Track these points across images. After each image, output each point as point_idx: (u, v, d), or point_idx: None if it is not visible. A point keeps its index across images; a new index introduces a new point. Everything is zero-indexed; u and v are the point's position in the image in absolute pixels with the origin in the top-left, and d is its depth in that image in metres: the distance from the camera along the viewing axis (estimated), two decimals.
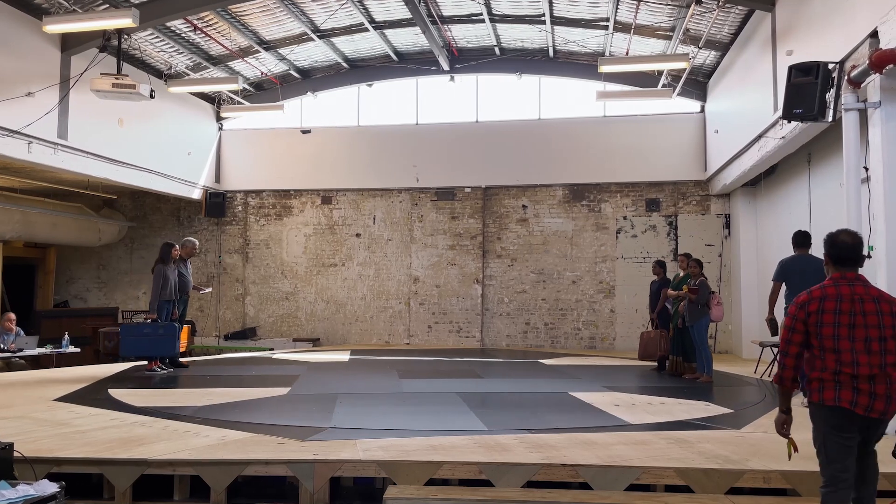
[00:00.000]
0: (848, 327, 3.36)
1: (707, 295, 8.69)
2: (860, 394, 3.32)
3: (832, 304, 3.39)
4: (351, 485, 4.86)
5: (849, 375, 3.33)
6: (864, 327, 3.35)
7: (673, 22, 11.18)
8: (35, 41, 10.07)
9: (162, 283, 9.45)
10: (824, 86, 6.05)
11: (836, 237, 3.57)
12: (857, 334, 3.35)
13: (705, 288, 8.70)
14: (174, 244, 9.92)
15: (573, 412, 6.67)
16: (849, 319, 3.37)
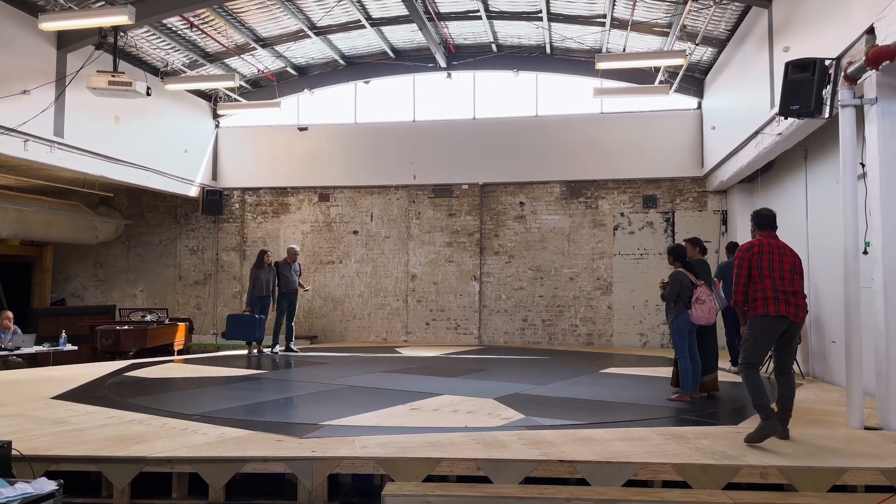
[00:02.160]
0: (778, 263, 5.15)
1: (678, 289, 7.07)
2: (790, 305, 5.08)
3: (767, 249, 5.19)
4: (349, 482, 4.87)
5: (782, 292, 5.07)
6: (781, 264, 5.15)
7: (670, 18, 11.18)
8: (31, 39, 10.04)
9: (253, 282, 11.59)
10: (821, 82, 6.05)
11: (760, 211, 5.60)
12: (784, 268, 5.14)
13: (676, 282, 7.11)
14: (267, 251, 11.88)
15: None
16: (778, 259, 5.16)
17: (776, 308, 4.99)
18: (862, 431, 5.58)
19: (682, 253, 7.38)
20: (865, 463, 4.54)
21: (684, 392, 7.00)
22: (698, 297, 7.01)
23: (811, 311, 9.12)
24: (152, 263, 15.69)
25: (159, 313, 13.85)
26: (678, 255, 7.34)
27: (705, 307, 6.97)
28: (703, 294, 7.00)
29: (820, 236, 8.83)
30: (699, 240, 7.75)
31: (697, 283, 7.07)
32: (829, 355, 8.61)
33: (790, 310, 5.02)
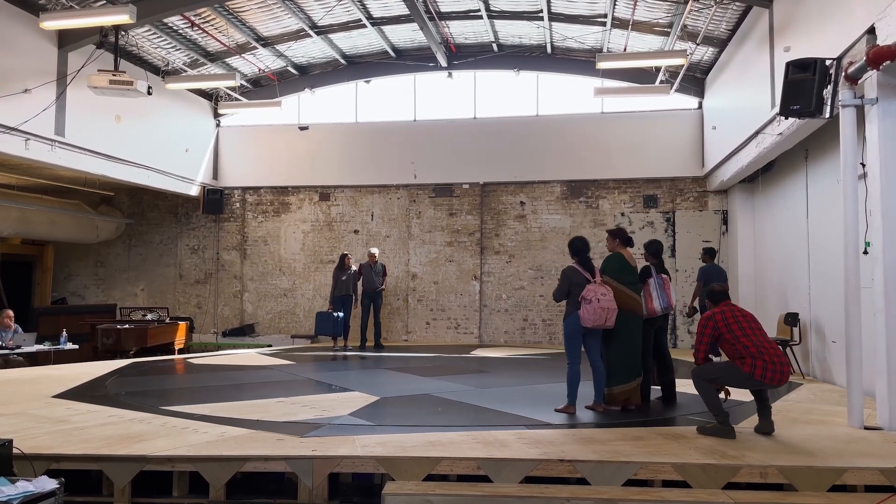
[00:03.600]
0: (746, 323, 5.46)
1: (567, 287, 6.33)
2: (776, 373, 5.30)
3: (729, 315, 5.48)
4: (349, 481, 4.87)
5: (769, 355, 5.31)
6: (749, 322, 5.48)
7: (670, 18, 11.18)
8: (32, 37, 10.05)
9: (335, 283, 12.47)
10: (821, 82, 6.05)
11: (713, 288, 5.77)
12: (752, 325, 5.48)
13: (565, 278, 6.37)
14: (348, 254, 12.83)
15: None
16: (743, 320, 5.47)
17: (762, 374, 5.23)
18: (862, 431, 5.58)
19: (578, 246, 6.50)
20: (865, 463, 4.55)
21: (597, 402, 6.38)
22: (584, 295, 6.15)
23: (811, 311, 9.15)
24: (153, 262, 15.70)
25: (160, 312, 13.85)
26: (573, 248, 6.52)
27: (591, 308, 6.09)
28: (590, 293, 6.13)
29: (820, 236, 8.84)
30: (620, 231, 6.79)
31: (591, 280, 6.24)
32: (830, 355, 8.61)
33: (776, 377, 5.24)
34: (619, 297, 6.30)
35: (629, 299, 6.41)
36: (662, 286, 6.80)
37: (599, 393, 6.41)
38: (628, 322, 6.37)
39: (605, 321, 6.15)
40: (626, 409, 6.41)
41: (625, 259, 6.58)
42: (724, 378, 5.47)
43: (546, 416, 6.13)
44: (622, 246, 6.66)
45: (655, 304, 6.67)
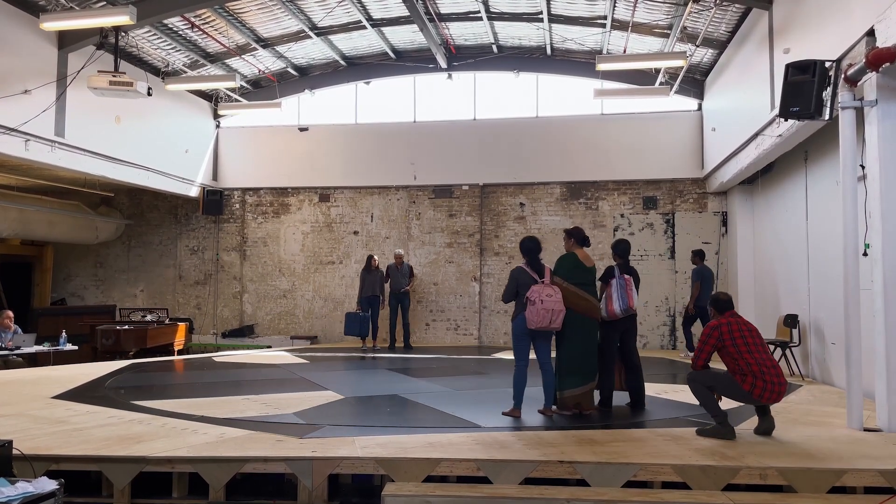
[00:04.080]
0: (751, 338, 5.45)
1: (515, 287, 6.21)
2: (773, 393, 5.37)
3: (735, 327, 5.46)
4: (349, 482, 4.88)
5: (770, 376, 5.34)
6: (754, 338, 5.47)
7: (670, 20, 11.19)
8: (32, 38, 10.05)
9: (362, 284, 12.60)
10: (821, 84, 6.05)
11: (718, 296, 5.68)
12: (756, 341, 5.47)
13: (512, 279, 6.26)
14: (373, 255, 12.94)
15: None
16: (748, 333, 5.46)
17: (761, 394, 5.30)
18: (861, 433, 5.59)
19: (528, 246, 6.35)
20: (865, 464, 4.55)
21: (547, 406, 6.25)
22: (528, 296, 5.99)
23: (810, 312, 9.16)
24: (152, 263, 15.70)
25: (159, 313, 13.86)
26: (523, 248, 6.38)
27: (534, 309, 5.93)
28: (535, 293, 5.97)
29: (820, 238, 8.84)
30: (576, 231, 6.59)
31: (538, 281, 6.09)
32: (829, 357, 8.61)
33: (772, 397, 5.33)
34: (570, 299, 6.14)
35: (580, 300, 6.22)
36: (625, 287, 6.50)
37: (548, 397, 6.27)
38: (580, 324, 6.20)
39: (550, 323, 5.99)
40: (579, 415, 6.17)
41: (578, 259, 6.39)
42: (719, 388, 5.49)
43: (497, 421, 5.97)
44: (577, 246, 6.49)
45: (615, 305, 6.42)
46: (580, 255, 6.43)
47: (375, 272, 12.62)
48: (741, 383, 5.32)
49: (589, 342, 6.32)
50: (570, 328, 6.18)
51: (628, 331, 6.74)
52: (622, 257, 6.79)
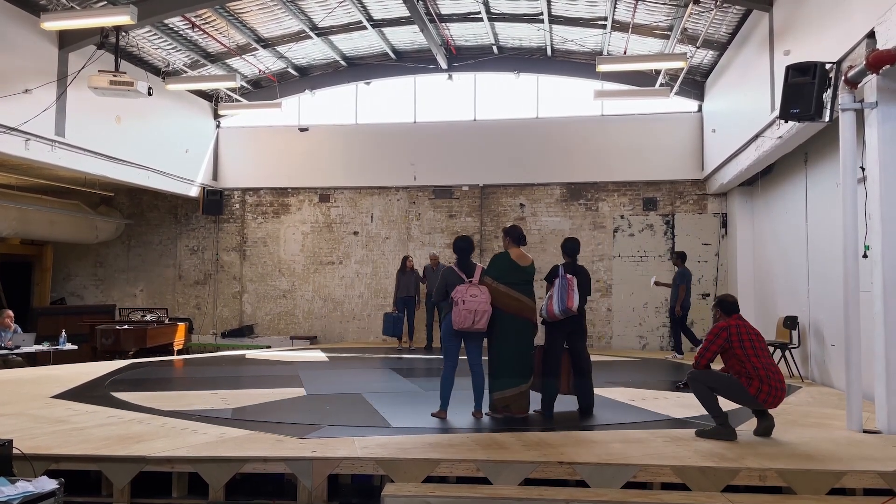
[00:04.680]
0: (759, 342, 5.51)
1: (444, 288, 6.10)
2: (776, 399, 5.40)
3: (744, 331, 5.52)
4: (349, 482, 4.88)
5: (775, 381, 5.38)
6: (760, 343, 5.52)
7: (671, 21, 11.20)
8: (32, 38, 10.05)
9: (397, 285, 12.67)
10: (821, 86, 6.06)
11: (725, 298, 5.79)
12: (762, 346, 5.53)
13: (442, 279, 6.20)
14: (409, 256, 13.01)
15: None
16: (756, 338, 5.52)
17: (765, 398, 5.31)
18: (861, 434, 5.59)
19: (459, 246, 6.25)
20: (864, 466, 4.55)
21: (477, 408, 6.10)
22: (452, 296, 5.91)
23: (810, 314, 9.16)
24: (152, 263, 15.70)
25: (159, 313, 13.86)
26: (454, 247, 6.28)
27: (457, 310, 5.84)
28: (458, 294, 5.88)
29: (820, 239, 8.84)
30: (511, 229, 6.40)
31: (466, 281, 5.98)
32: (829, 358, 8.62)
33: (775, 402, 5.36)
34: (500, 299, 5.99)
35: (511, 300, 6.03)
36: (566, 288, 6.17)
37: (477, 399, 6.13)
38: (511, 325, 6.03)
39: (473, 324, 5.84)
40: (511, 418, 5.99)
41: (511, 259, 6.20)
42: (721, 389, 5.48)
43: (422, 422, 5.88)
44: (513, 244, 6.29)
45: (555, 306, 6.15)
46: (514, 254, 6.24)
47: (411, 273, 12.61)
48: (747, 387, 5.31)
49: (521, 343, 6.09)
50: (500, 329, 6.02)
51: (575, 332, 6.41)
52: (570, 256, 6.58)
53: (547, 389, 6.28)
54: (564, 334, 6.37)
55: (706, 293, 13.26)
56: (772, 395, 5.31)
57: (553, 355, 6.32)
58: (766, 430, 5.42)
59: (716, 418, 5.40)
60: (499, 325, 6.02)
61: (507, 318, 6.03)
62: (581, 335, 6.49)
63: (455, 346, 6.12)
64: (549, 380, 6.28)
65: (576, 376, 6.40)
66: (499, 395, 6.06)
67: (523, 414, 6.09)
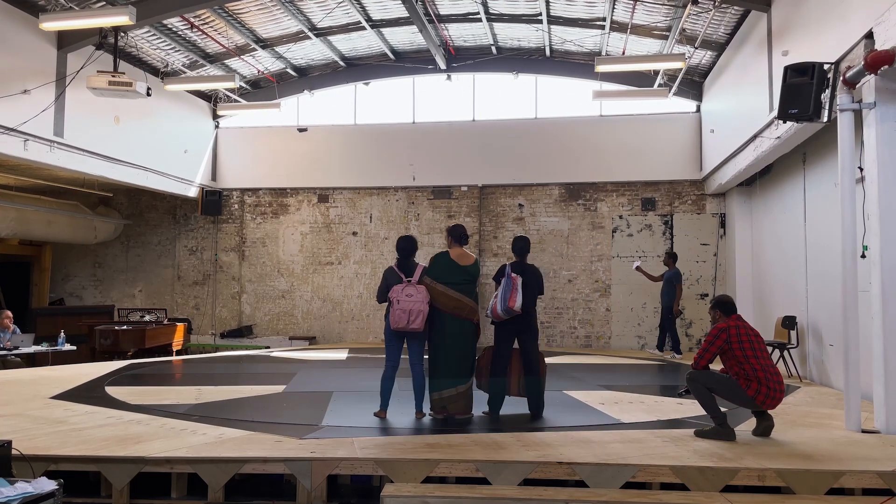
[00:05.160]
0: (757, 343, 5.50)
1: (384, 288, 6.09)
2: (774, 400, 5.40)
3: (744, 332, 5.51)
4: (348, 483, 4.87)
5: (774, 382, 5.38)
6: (759, 343, 5.51)
7: (669, 22, 11.21)
8: (31, 38, 10.05)
9: None
10: (819, 86, 6.07)
11: (722, 298, 5.84)
12: (762, 346, 5.53)
13: (383, 279, 6.17)
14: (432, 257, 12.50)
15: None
16: (755, 339, 5.52)
17: (763, 400, 5.32)
18: (859, 434, 5.60)
19: (400, 245, 6.26)
20: (863, 466, 4.56)
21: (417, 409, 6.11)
22: (389, 296, 5.95)
23: (808, 314, 9.17)
24: (151, 263, 15.69)
25: (158, 313, 13.85)
26: (397, 247, 6.30)
27: (393, 309, 5.87)
28: (393, 293, 5.92)
29: (818, 240, 8.86)
30: (453, 228, 6.37)
31: (405, 280, 5.98)
32: (827, 358, 8.63)
33: (773, 404, 5.36)
34: (438, 299, 5.96)
35: (449, 300, 5.98)
36: (510, 287, 6.07)
37: (418, 399, 6.12)
38: (450, 325, 5.99)
39: (409, 323, 5.85)
40: (451, 420, 5.94)
41: (450, 258, 6.15)
42: (719, 390, 5.48)
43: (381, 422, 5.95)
44: (455, 244, 6.26)
45: (498, 306, 6.09)
46: (454, 253, 6.20)
47: None
48: (745, 388, 5.32)
49: (459, 343, 6.03)
50: (438, 328, 6.01)
51: (524, 332, 6.29)
52: (518, 255, 6.47)
53: (494, 390, 6.23)
54: (512, 334, 6.28)
55: (705, 293, 13.28)
56: (770, 397, 5.31)
57: (500, 356, 6.27)
58: (766, 430, 5.43)
59: (714, 418, 5.40)
60: (437, 325, 6.00)
61: (445, 318, 6.00)
62: (531, 335, 6.35)
63: (395, 346, 6.14)
64: (496, 380, 6.22)
65: (526, 377, 6.28)
66: (437, 395, 6.02)
67: (462, 415, 6.04)
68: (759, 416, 5.52)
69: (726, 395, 5.46)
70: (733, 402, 5.52)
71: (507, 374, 6.28)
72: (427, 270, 6.12)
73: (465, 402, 6.06)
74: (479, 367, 6.29)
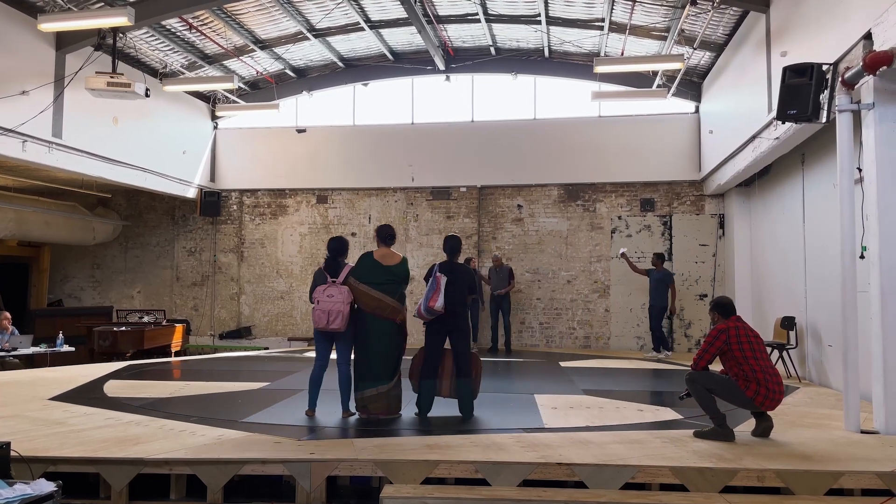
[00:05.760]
0: (757, 344, 5.53)
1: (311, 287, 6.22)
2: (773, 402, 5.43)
3: (743, 332, 5.52)
4: (347, 484, 4.87)
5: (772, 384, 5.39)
6: (758, 344, 5.54)
7: (668, 23, 11.21)
8: (30, 39, 10.04)
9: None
10: (818, 87, 6.07)
11: (720, 300, 5.87)
12: (761, 348, 5.54)
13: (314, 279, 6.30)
14: (472, 258, 12.95)
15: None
16: (754, 339, 5.54)
17: (762, 401, 5.34)
18: (858, 435, 5.60)
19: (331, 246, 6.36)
20: (862, 467, 4.56)
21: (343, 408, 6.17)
22: (313, 296, 6.07)
23: (807, 315, 9.18)
24: (150, 264, 15.68)
25: (156, 314, 13.84)
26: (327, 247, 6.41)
27: (314, 309, 6.02)
28: (316, 294, 6.03)
29: (817, 240, 8.86)
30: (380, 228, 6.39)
31: (329, 280, 6.08)
32: (826, 359, 8.63)
33: (772, 405, 5.39)
34: (360, 299, 6.04)
35: (370, 300, 6.02)
36: (434, 288, 6.04)
37: (343, 398, 6.18)
38: (371, 325, 6.03)
39: (328, 324, 5.93)
40: (376, 419, 5.99)
41: (373, 258, 6.19)
42: (718, 390, 5.49)
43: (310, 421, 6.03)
44: (381, 244, 6.30)
45: (422, 306, 6.08)
46: (378, 253, 6.24)
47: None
48: (744, 389, 5.33)
49: (381, 344, 6.06)
50: (361, 329, 6.07)
51: (453, 333, 6.23)
52: (448, 254, 6.42)
53: (423, 391, 6.23)
54: (440, 335, 6.26)
55: (704, 294, 13.29)
56: (768, 398, 5.32)
57: (429, 356, 6.27)
58: (765, 430, 5.43)
59: (714, 419, 5.40)
60: (360, 325, 6.07)
61: (367, 318, 6.05)
62: (460, 336, 6.28)
63: (322, 346, 6.25)
64: (424, 381, 6.24)
65: (457, 379, 6.24)
66: (359, 394, 6.09)
67: (386, 415, 6.07)
68: (759, 416, 5.52)
69: (725, 396, 5.46)
70: (732, 403, 5.52)
71: (439, 375, 6.28)
72: (352, 270, 6.17)
73: (388, 402, 6.10)
74: (413, 368, 6.32)
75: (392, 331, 6.10)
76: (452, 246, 6.44)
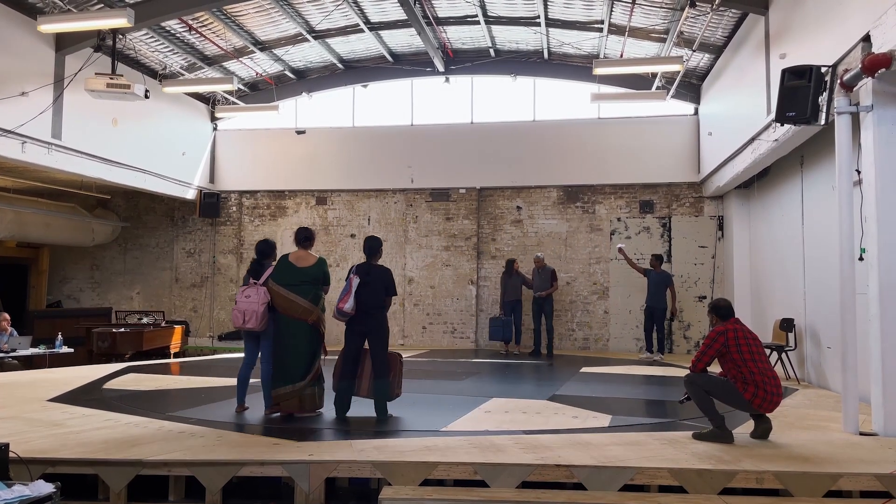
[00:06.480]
0: (756, 346, 5.51)
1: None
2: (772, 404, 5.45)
3: (741, 335, 5.52)
4: (346, 485, 4.87)
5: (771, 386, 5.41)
6: (758, 346, 5.54)
7: (667, 25, 11.23)
8: (29, 40, 10.05)
9: (503, 289, 12.95)
10: (817, 89, 6.08)
11: (718, 303, 5.88)
12: (760, 350, 5.54)
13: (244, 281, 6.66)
14: (515, 259, 13.12)
15: None
16: (753, 342, 5.52)
17: (760, 404, 5.37)
18: (857, 437, 5.60)
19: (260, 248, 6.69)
20: (861, 469, 4.56)
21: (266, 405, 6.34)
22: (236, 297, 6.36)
23: (806, 316, 9.18)
24: (149, 266, 15.68)
25: (155, 316, 13.84)
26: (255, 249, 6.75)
27: (233, 309, 6.33)
28: (238, 295, 6.34)
29: (816, 242, 8.87)
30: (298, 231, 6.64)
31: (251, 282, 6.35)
32: (825, 361, 8.64)
33: (770, 408, 5.41)
34: (275, 300, 6.23)
35: (284, 301, 6.18)
36: (346, 289, 6.18)
37: (266, 395, 6.35)
38: (284, 325, 6.20)
39: (244, 322, 6.21)
40: (289, 417, 6.15)
41: (287, 260, 6.37)
42: (717, 393, 5.49)
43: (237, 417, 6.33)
44: (298, 246, 6.50)
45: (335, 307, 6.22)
46: (293, 255, 6.42)
47: (517, 276, 12.72)
48: (743, 391, 5.34)
49: (293, 343, 6.19)
50: (275, 329, 6.28)
51: (368, 334, 6.29)
52: (367, 255, 6.49)
53: (339, 390, 6.31)
54: (357, 335, 6.32)
55: (703, 295, 13.29)
56: (767, 401, 5.33)
57: (345, 356, 6.37)
58: (764, 432, 5.44)
59: (712, 421, 5.41)
60: (276, 326, 6.28)
61: (280, 319, 6.25)
62: (376, 336, 6.30)
63: (249, 344, 6.59)
64: (341, 382, 6.32)
65: (374, 380, 6.30)
66: (274, 392, 6.24)
67: (300, 413, 6.22)
68: (757, 418, 5.52)
69: (724, 398, 5.47)
70: (731, 405, 5.52)
71: (359, 375, 6.37)
72: (271, 272, 6.39)
73: (301, 400, 6.21)
74: (335, 368, 6.42)
75: (303, 331, 6.21)
76: (371, 247, 6.49)
